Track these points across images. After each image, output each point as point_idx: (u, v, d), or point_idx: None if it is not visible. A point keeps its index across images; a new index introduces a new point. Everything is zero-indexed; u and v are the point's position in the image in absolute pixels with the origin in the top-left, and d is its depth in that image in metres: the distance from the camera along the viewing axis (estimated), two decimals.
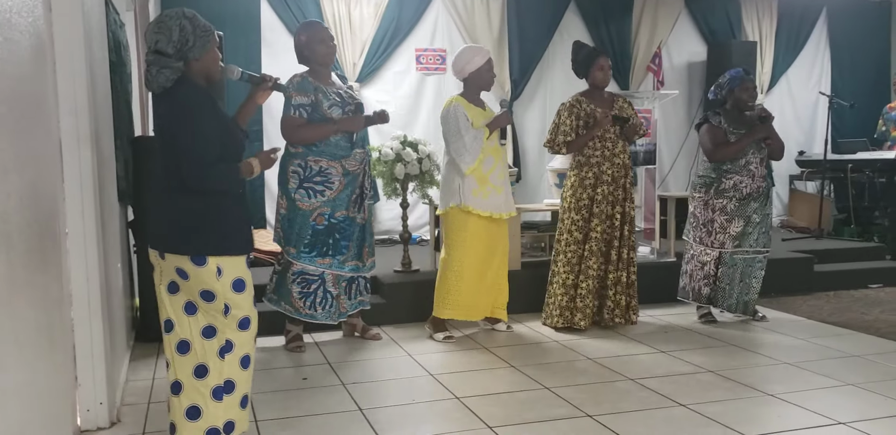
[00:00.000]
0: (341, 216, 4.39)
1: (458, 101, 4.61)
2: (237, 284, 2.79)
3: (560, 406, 3.47)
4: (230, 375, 2.83)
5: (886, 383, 3.74)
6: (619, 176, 4.82)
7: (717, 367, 4.05)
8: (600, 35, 8.06)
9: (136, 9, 5.46)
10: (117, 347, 3.67)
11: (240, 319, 2.81)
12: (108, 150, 3.70)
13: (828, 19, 8.88)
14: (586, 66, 4.83)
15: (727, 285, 4.98)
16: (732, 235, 4.92)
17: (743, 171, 4.89)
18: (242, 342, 2.84)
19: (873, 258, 6.70)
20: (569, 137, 4.79)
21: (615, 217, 4.82)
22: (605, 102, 4.87)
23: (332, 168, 4.33)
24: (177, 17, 2.73)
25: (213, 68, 2.85)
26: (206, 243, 2.72)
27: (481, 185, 4.58)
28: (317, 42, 4.35)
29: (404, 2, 7.42)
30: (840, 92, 8.55)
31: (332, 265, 4.40)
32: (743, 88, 4.90)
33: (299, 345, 4.50)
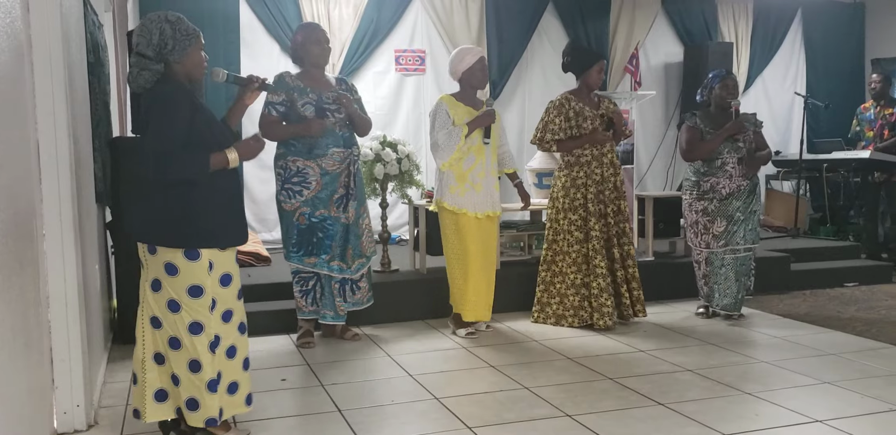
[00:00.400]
0: (321, 215, 4.40)
1: (444, 99, 4.68)
2: (224, 278, 2.94)
3: (540, 406, 3.49)
4: (220, 367, 2.95)
5: (862, 381, 3.78)
6: (610, 175, 4.86)
7: (696, 366, 4.08)
8: (578, 36, 8.09)
9: (115, 10, 5.42)
10: (95, 349, 3.65)
11: (223, 311, 2.95)
12: (86, 152, 3.68)
13: (803, 20, 8.97)
14: (586, 66, 4.85)
15: (717, 284, 5.04)
16: (716, 234, 4.99)
17: (719, 173, 4.95)
18: (227, 334, 2.97)
19: (849, 257, 6.77)
20: (557, 136, 4.81)
21: (609, 215, 4.86)
22: (592, 103, 4.91)
23: (308, 168, 4.36)
24: (158, 20, 2.84)
25: (194, 71, 2.93)
26: (197, 235, 2.82)
27: (459, 182, 4.60)
28: (312, 43, 4.40)
29: (383, 3, 7.42)
30: (815, 92, 8.64)
31: (317, 264, 4.45)
32: (722, 85, 5.00)
33: (308, 341, 4.56)
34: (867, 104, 7.46)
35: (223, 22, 6.91)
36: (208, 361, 2.90)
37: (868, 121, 7.37)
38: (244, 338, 3.09)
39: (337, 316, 4.57)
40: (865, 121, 7.40)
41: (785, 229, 7.75)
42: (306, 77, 4.43)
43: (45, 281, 2.95)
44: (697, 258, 5.14)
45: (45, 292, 2.94)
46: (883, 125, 7.22)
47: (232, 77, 3.15)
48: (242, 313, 3.08)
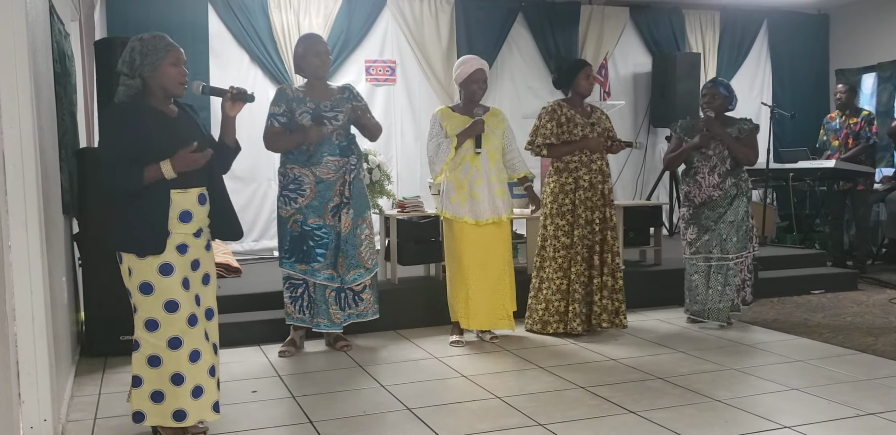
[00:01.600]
0: (315, 223, 4.43)
1: (440, 111, 4.76)
2: (143, 286, 2.99)
3: (511, 416, 3.49)
4: (137, 371, 3.05)
5: (829, 387, 3.83)
6: (598, 181, 4.87)
7: (667, 373, 4.11)
8: (547, 47, 8.16)
9: (81, 19, 5.38)
10: (62, 363, 3.60)
11: (145, 319, 3.01)
12: (53, 162, 3.64)
13: (768, 31, 9.10)
14: (573, 74, 4.89)
15: (690, 290, 5.12)
16: (689, 241, 5.08)
17: (691, 182, 5.04)
18: (150, 343, 3.02)
19: (815, 265, 6.84)
20: (548, 141, 4.83)
21: (594, 222, 4.87)
22: (584, 111, 4.94)
23: (304, 175, 4.41)
24: (134, 39, 3.05)
25: (167, 84, 3.03)
26: (117, 240, 3.00)
27: (458, 192, 4.66)
28: (312, 55, 4.45)
29: (353, 13, 7.43)
30: (781, 102, 8.76)
31: (307, 272, 4.46)
32: (703, 93, 5.16)
33: (287, 350, 4.57)
34: (833, 114, 7.58)
35: (192, 32, 6.88)
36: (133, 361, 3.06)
37: (833, 130, 7.48)
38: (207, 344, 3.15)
39: (332, 324, 4.54)
40: (831, 130, 7.52)
41: None
42: (309, 87, 4.51)
43: (10, 293, 2.90)
44: (684, 262, 5.26)
45: (10, 305, 2.89)
46: (848, 134, 7.34)
47: (208, 89, 3.22)
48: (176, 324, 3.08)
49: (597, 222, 4.88)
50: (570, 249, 4.87)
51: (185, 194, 3.04)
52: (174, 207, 3.01)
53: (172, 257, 3.02)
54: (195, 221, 3.10)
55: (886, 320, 5.32)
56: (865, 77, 8.97)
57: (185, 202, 3.05)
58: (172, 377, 3.02)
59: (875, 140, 7.30)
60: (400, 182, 7.54)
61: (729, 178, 5.03)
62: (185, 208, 3.05)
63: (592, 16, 8.33)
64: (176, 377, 3.03)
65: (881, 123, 7.92)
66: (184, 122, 3.13)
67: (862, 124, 7.25)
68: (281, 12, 7.17)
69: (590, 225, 4.87)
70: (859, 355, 4.44)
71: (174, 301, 3.00)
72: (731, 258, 5.02)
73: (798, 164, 7.56)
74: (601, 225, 4.90)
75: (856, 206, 7.28)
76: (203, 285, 3.18)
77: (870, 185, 7.30)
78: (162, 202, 2.98)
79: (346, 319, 4.59)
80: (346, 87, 4.67)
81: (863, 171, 7.12)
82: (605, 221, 4.91)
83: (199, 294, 3.14)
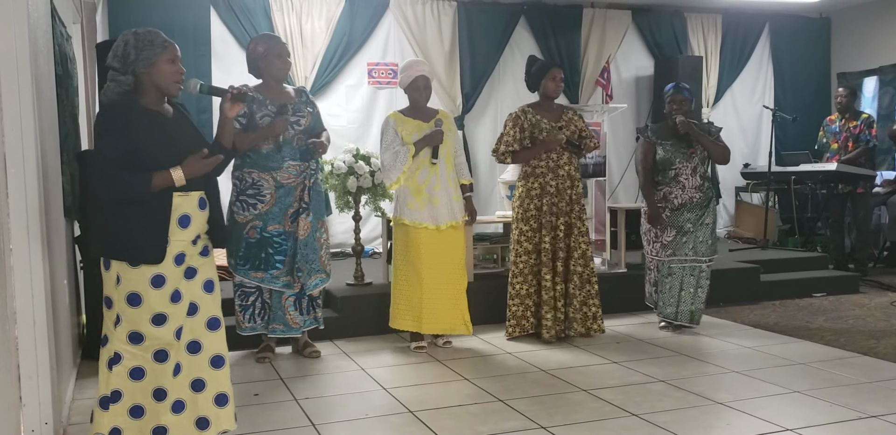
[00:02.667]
0: (274, 230, 4.32)
1: (392, 116, 4.69)
2: (131, 298, 2.79)
3: (513, 418, 3.49)
4: (117, 386, 2.82)
5: (831, 390, 3.82)
6: (565, 187, 4.83)
7: (668, 376, 4.10)
8: (550, 49, 8.16)
9: (83, 21, 5.39)
10: (63, 366, 3.60)
11: (129, 332, 2.80)
12: (54, 165, 3.64)
13: (770, 35, 9.09)
14: (539, 77, 4.86)
15: (664, 293, 5.08)
16: (664, 243, 5.04)
17: (672, 183, 5.01)
18: (134, 356, 2.81)
19: (817, 268, 6.84)
20: (511, 147, 4.81)
21: (559, 228, 4.82)
22: (553, 114, 4.91)
23: (263, 180, 4.29)
24: (127, 33, 2.84)
25: (163, 82, 2.85)
26: (108, 247, 2.81)
27: (416, 196, 4.59)
28: (274, 56, 4.34)
29: (356, 16, 7.44)
30: (783, 105, 8.76)
31: (265, 280, 4.36)
32: (670, 100, 5.08)
33: (266, 356, 4.51)
34: (833, 117, 7.58)
35: (194, 34, 6.89)
36: (103, 377, 2.84)
37: (833, 133, 7.48)
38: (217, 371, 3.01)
39: (289, 329, 4.46)
40: (830, 133, 7.52)
41: (754, 241, 7.83)
42: (266, 89, 4.37)
43: (12, 296, 2.90)
44: (650, 265, 5.20)
45: (12, 308, 2.89)
46: (847, 137, 7.34)
47: (206, 88, 3.07)
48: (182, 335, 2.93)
49: (561, 228, 4.82)
50: (532, 254, 4.84)
51: (186, 197, 2.87)
52: (175, 211, 2.84)
53: (167, 268, 2.82)
54: (193, 226, 2.91)
55: (888, 323, 5.31)
56: (867, 80, 8.96)
57: (186, 206, 2.88)
58: (155, 392, 2.85)
59: (874, 143, 7.30)
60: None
61: (706, 181, 5.09)
62: (185, 212, 2.87)
63: (594, 19, 8.33)
64: (158, 392, 2.85)
65: (882, 127, 7.92)
66: (179, 123, 2.97)
67: (861, 127, 7.25)
68: (283, 15, 7.18)
69: (555, 231, 4.82)
70: (861, 358, 4.43)
71: (163, 314, 2.82)
72: (704, 260, 5.03)
73: (800, 167, 7.56)
74: (566, 231, 4.84)
75: (856, 209, 7.28)
76: (205, 293, 2.99)
77: (870, 188, 7.29)
78: (164, 206, 2.82)
79: (305, 325, 4.52)
80: (303, 90, 4.59)
81: (864, 173, 7.11)
82: (570, 228, 4.85)
83: (198, 302, 2.95)
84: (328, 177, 5.22)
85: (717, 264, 5.35)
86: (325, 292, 5.26)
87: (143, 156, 2.78)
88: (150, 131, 2.82)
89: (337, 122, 7.48)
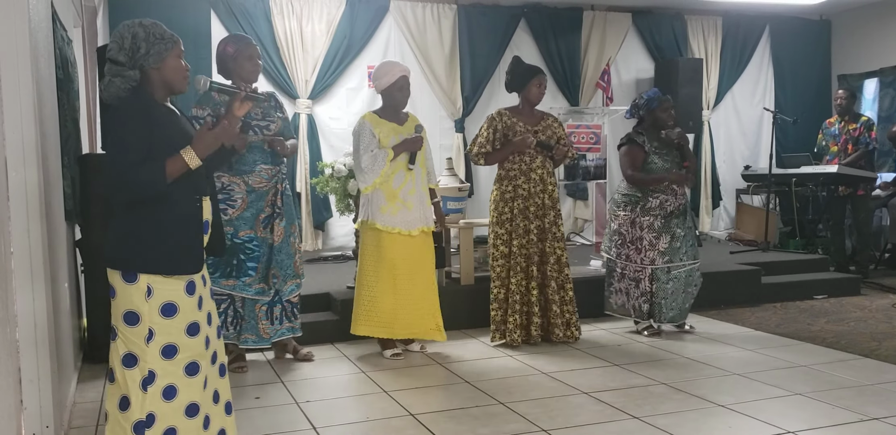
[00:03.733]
0: (246, 236, 4.26)
1: (367, 117, 4.62)
2: (167, 308, 2.58)
3: (514, 421, 3.48)
4: (152, 409, 2.57)
5: (833, 392, 3.82)
6: (537, 191, 4.79)
7: (670, 379, 4.10)
8: (550, 52, 8.16)
9: (84, 25, 5.40)
10: (64, 369, 3.60)
11: (163, 345, 2.57)
12: (55, 169, 3.65)
13: (770, 37, 9.10)
14: (525, 80, 4.84)
15: (664, 300, 5.03)
16: (661, 250, 4.99)
17: (667, 191, 5.01)
18: (166, 372, 2.59)
19: (818, 270, 6.83)
20: (483, 149, 4.80)
21: (532, 232, 4.79)
22: (532, 119, 4.88)
23: (233, 184, 4.22)
24: (132, 24, 2.62)
25: (174, 78, 2.68)
26: (137, 258, 2.55)
27: (390, 201, 4.53)
28: (245, 58, 4.26)
29: (356, 19, 7.45)
30: (783, 108, 8.76)
31: (236, 287, 4.27)
32: (662, 109, 5.03)
33: (241, 365, 4.40)
34: (832, 119, 7.58)
35: (194, 37, 6.89)
36: (137, 400, 2.55)
37: (832, 136, 7.48)
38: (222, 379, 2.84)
39: (260, 339, 4.37)
40: (830, 135, 7.52)
41: (755, 243, 7.83)
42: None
43: (13, 300, 2.90)
44: (637, 275, 5.05)
45: (13, 311, 2.89)
46: (847, 140, 7.34)
47: (215, 86, 2.97)
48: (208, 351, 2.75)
49: (534, 232, 4.79)
50: (508, 258, 4.81)
51: (207, 202, 2.77)
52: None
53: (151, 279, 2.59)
54: (209, 232, 2.83)
55: (890, 325, 5.30)
56: (867, 82, 8.96)
57: (206, 211, 2.77)
58: (188, 409, 2.63)
59: (874, 146, 7.30)
60: None
61: None
62: (206, 218, 2.76)
63: (595, 21, 8.33)
64: (191, 408, 2.64)
65: (882, 129, 7.92)
66: (184, 123, 2.84)
67: (861, 130, 7.25)
68: (284, 18, 7.19)
69: (527, 235, 4.80)
70: (863, 360, 4.43)
71: (196, 323, 2.64)
72: (696, 262, 5.10)
73: (801, 170, 7.55)
74: (539, 235, 4.81)
75: (856, 211, 7.27)
76: (211, 300, 2.87)
77: (870, 191, 7.29)
78: (197, 210, 2.67)
79: (276, 335, 4.43)
80: (272, 94, 4.55)
81: (865, 176, 7.11)
82: (543, 232, 4.82)
83: (211, 311, 2.82)
84: (328, 180, 5.22)
85: (719, 266, 5.37)
86: (325, 295, 5.27)
87: (163, 153, 2.56)
88: (170, 127, 2.67)
89: (337, 125, 7.49)
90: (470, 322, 5.24)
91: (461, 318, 5.18)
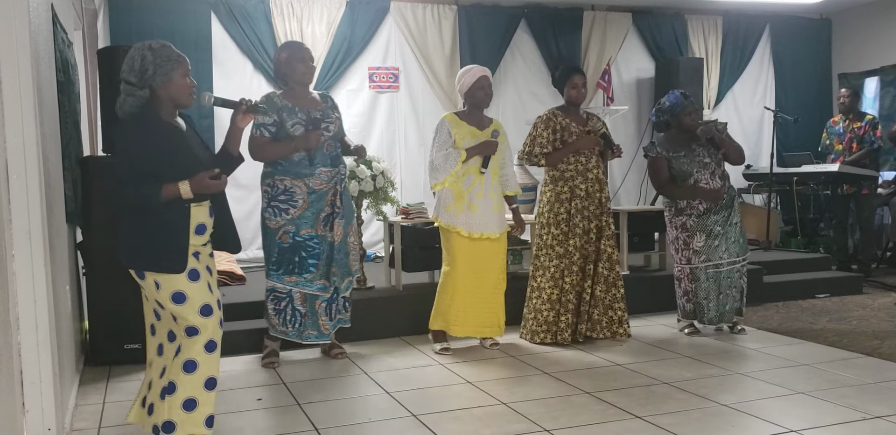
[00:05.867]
0: (307, 234, 4.36)
1: (448, 117, 4.70)
2: (176, 296, 2.93)
3: (517, 421, 3.48)
4: (173, 377, 2.97)
5: (835, 391, 3.82)
6: (594, 190, 4.84)
7: (672, 378, 4.09)
8: (550, 52, 8.16)
9: (84, 28, 5.41)
10: (66, 372, 3.60)
11: (185, 326, 2.95)
12: (56, 171, 3.65)
13: (771, 36, 9.09)
14: (561, 83, 4.90)
15: (704, 300, 5.01)
16: (696, 249, 4.96)
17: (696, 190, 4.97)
18: (187, 347, 2.97)
19: (819, 269, 6.83)
20: (545, 149, 4.82)
21: (591, 232, 4.84)
22: (579, 119, 4.92)
23: (295, 187, 4.33)
24: (142, 48, 2.94)
25: (179, 95, 2.98)
26: (140, 259, 2.94)
27: (456, 201, 4.61)
28: (297, 61, 4.37)
29: (356, 20, 7.45)
30: (784, 107, 8.75)
31: (299, 283, 4.38)
32: (686, 113, 5.00)
33: (273, 361, 4.50)
34: (836, 118, 7.58)
35: (195, 40, 6.90)
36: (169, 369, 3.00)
37: (837, 134, 7.48)
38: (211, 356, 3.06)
39: (321, 335, 4.49)
40: (834, 134, 7.52)
41: (757, 242, 7.82)
42: (292, 96, 4.39)
43: (14, 302, 2.91)
44: (679, 274, 5.09)
45: (14, 314, 2.90)
46: (851, 139, 7.34)
47: (219, 100, 3.17)
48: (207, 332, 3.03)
49: (593, 232, 4.84)
50: (563, 258, 4.83)
51: (200, 208, 3.02)
52: (192, 221, 2.98)
53: (194, 263, 2.98)
54: (207, 232, 3.09)
55: (892, 323, 5.30)
56: (868, 81, 8.95)
57: (200, 215, 3.03)
58: (207, 382, 2.99)
59: (879, 144, 7.30)
60: (403, 189, 7.53)
61: (726, 181, 5.06)
62: (201, 221, 3.03)
63: (595, 21, 8.33)
64: (210, 382, 3.00)
65: (885, 127, 7.91)
66: (191, 135, 3.11)
67: (866, 128, 7.25)
68: (284, 20, 7.20)
69: (586, 235, 4.83)
70: (865, 359, 4.42)
71: (208, 305, 2.97)
72: (739, 261, 5.01)
73: (802, 169, 7.55)
74: (598, 234, 4.86)
75: (860, 210, 7.27)
76: (217, 290, 3.15)
77: (874, 189, 7.28)
78: (184, 217, 2.95)
79: (334, 327, 4.56)
80: (327, 95, 4.64)
81: (867, 174, 7.11)
82: (601, 231, 4.86)
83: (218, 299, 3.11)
84: None
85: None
86: None
87: (163, 167, 2.89)
88: (171, 143, 2.95)
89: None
90: None
91: None
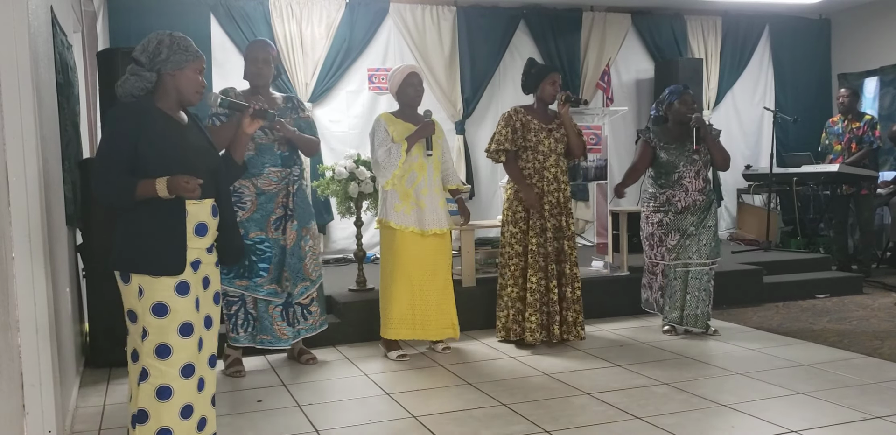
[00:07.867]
0: (256, 237, 4.30)
1: (383, 116, 4.66)
2: (157, 308, 2.66)
3: (517, 423, 3.48)
4: (144, 405, 2.68)
5: (835, 391, 3.82)
6: (552, 189, 4.81)
7: (672, 379, 4.09)
8: (550, 53, 8.17)
9: (84, 30, 5.41)
10: (66, 374, 3.60)
11: (156, 345, 2.66)
12: (56, 173, 3.65)
13: (770, 36, 9.10)
14: (538, 80, 4.85)
15: (669, 298, 5.06)
16: (668, 247, 5.01)
17: (676, 186, 4.99)
18: (160, 372, 2.66)
19: (820, 269, 6.83)
20: (502, 146, 4.80)
21: (549, 230, 4.80)
22: (545, 117, 4.89)
23: (243, 187, 4.26)
24: (163, 33, 2.83)
25: (186, 89, 2.82)
26: (127, 259, 2.69)
27: (403, 200, 4.57)
28: (249, 61, 4.36)
29: (356, 22, 7.46)
30: (783, 107, 8.76)
31: (249, 287, 4.32)
32: (682, 101, 5.03)
33: (238, 370, 4.39)
34: (835, 118, 7.58)
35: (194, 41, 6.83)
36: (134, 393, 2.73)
37: (836, 135, 7.48)
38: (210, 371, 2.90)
39: (278, 340, 4.39)
40: (833, 134, 7.52)
41: (757, 242, 7.82)
42: (251, 94, 4.34)
43: (14, 305, 2.90)
44: (654, 270, 5.15)
45: (14, 316, 2.89)
46: (851, 139, 7.34)
47: (226, 102, 3.08)
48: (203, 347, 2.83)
49: (551, 230, 4.80)
50: (523, 256, 4.82)
51: (200, 205, 2.78)
52: (190, 219, 2.74)
53: (188, 275, 2.72)
54: (210, 234, 2.84)
55: (892, 324, 5.30)
56: (868, 81, 8.95)
57: (201, 214, 2.80)
58: (182, 410, 2.71)
59: (878, 144, 7.30)
60: None
61: (708, 184, 5.09)
62: (201, 220, 2.79)
63: (594, 22, 8.34)
64: (186, 410, 2.72)
65: (884, 128, 7.91)
66: (194, 132, 2.89)
67: (865, 129, 7.25)
68: (283, 22, 7.20)
69: (544, 233, 4.80)
70: (865, 359, 4.42)
71: (189, 324, 2.70)
72: (707, 263, 5.02)
73: (801, 169, 7.55)
74: (556, 233, 4.83)
75: (860, 211, 7.27)
76: (214, 305, 2.92)
77: (873, 190, 7.29)
78: (178, 214, 2.71)
79: (295, 335, 4.47)
80: (291, 97, 4.58)
81: (866, 174, 7.11)
82: (560, 230, 4.84)
83: (212, 315, 2.89)
84: (329, 183, 5.22)
85: (720, 266, 5.35)
86: (328, 298, 5.26)
87: (148, 160, 2.66)
88: (162, 136, 2.72)
89: (338, 127, 7.50)
90: (472, 324, 5.23)
91: (463, 319, 5.15)
